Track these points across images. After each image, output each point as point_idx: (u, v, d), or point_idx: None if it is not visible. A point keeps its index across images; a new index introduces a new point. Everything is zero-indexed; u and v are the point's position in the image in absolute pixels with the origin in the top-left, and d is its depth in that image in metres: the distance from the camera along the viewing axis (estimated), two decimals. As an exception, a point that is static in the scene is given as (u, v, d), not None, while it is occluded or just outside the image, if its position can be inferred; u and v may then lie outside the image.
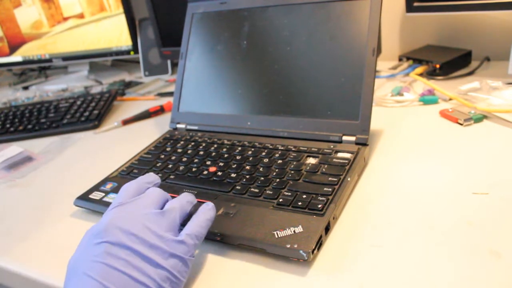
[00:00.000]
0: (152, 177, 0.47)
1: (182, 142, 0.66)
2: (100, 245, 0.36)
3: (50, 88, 1.24)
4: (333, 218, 0.45)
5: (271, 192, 0.50)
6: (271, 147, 0.59)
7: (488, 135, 0.59)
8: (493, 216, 0.43)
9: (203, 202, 0.45)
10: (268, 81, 0.64)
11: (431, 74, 0.82)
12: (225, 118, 0.67)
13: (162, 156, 0.63)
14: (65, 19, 1.18)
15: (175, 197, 0.44)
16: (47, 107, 0.96)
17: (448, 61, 0.82)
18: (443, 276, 0.37)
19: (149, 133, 0.80)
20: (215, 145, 0.63)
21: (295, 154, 0.56)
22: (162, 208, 0.42)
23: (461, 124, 0.63)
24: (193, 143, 0.65)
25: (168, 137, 0.69)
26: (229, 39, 0.69)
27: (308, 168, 0.53)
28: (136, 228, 0.38)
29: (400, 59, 0.92)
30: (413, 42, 0.97)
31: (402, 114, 0.70)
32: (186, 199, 0.44)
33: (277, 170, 0.54)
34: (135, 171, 0.61)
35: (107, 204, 0.54)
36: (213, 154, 0.61)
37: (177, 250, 0.38)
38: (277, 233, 0.43)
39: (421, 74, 0.83)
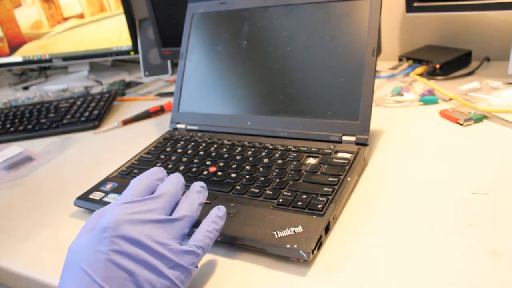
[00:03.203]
0: (161, 174, 0.45)
1: (182, 142, 0.66)
2: (105, 241, 0.35)
3: (50, 88, 1.24)
4: (333, 218, 0.45)
5: (271, 192, 0.50)
6: (271, 147, 0.59)
7: (488, 135, 0.59)
8: (493, 216, 0.43)
9: (205, 203, 0.44)
10: (268, 81, 0.64)
11: (431, 74, 0.82)
12: (225, 118, 0.67)
13: (162, 156, 0.63)
14: (65, 19, 1.18)
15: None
16: (47, 107, 0.96)
17: (448, 61, 0.82)
18: (443, 276, 0.37)
19: (149, 133, 0.80)
20: (215, 145, 0.63)
21: (295, 154, 0.56)
22: (173, 208, 0.41)
23: (461, 124, 0.63)
24: (193, 143, 0.65)
25: (168, 137, 0.69)
26: (229, 39, 0.69)
27: (308, 168, 0.53)
28: (144, 232, 0.36)
29: (400, 59, 0.92)
30: (413, 42, 0.96)
31: (402, 114, 0.70)
32: (198, 201, 0.42)
33: (277, 170, 0.54)
34: (135, 171, 0.61)
35: (107, 204, 0.54)
36: (213, 154, 0.61)
37: (183, 260, 0.37)
38: (277, 233, 0.43)
39: (421, 74, 0.83)
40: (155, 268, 0.36)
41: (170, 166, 0.60)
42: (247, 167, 0.56)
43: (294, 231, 0.43)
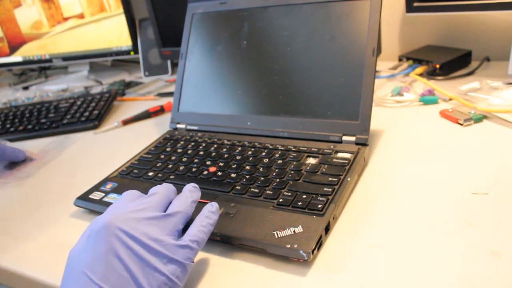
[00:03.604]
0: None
1: (182, 142, 0.66)
2: (101, 241, 0.36)
3: (50, 88, 1.24)
4: (333, 218, 0.45)
5: (271, 192, 0.50)
6: (271, 147, 0.59)
7: (488, 135, 0.59)
8: (493, 216, 0.43)
9: (204, 203, 0.44)
10: (268, 81, 0.64)
11: (431, 74, 0.82)
12: (225, 118, 0.67)
13: (162, 156, 0.63)
14: (65, 19, 1.18)
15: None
16: (47, 107, 0.96)
17: (448, 61, 0.82)
18: (443, 276, 0.37)
19: (149, 133, 0.80)
20: (215, 145, 0.63)
21: (295, 154, 0.56)
22: (166, 208, 0.42)
23: (461, 124, 0.63)
24: (193, 143, 0.65)
25: (168, 137, 0.69)
26: (229, 39, 0.69)
27: (308, 168, 0.53)
28: (138, 230, 0.37)
29: (400, 59, 0.92)
30: (413, 42, 0.97)
31: (402, 114, 0.70)
32: (191, 199, 0.43)
33: (277, 170, 0.54)
34: (135, 171, 0.61)
35: (107, 204, 0.54)
36: (213, 154, 0.61)
37: (178, 255, 0.38)
38: (277, 233, 0.43)
39: (421, 74, 0.83)
40: (150, 264, 0.36)
41: (170, 166, 0.60)
42: (247, 167, 0.56)
43: (294, 231, 0.43)
